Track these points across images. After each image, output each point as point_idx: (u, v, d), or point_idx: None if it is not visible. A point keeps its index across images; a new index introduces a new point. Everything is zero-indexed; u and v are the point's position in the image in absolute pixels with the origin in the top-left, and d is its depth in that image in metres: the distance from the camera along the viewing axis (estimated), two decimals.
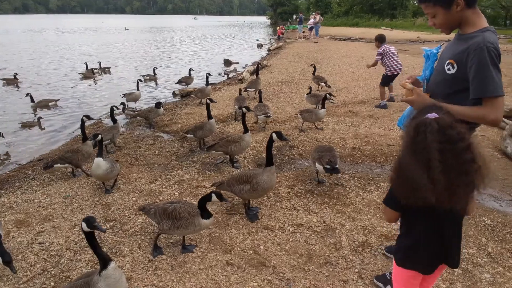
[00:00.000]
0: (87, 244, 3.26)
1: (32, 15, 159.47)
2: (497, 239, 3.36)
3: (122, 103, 6.22)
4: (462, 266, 2.97)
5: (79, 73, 13.50)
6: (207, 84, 9.12)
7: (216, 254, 3.14)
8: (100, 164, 3.95)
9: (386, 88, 8.14)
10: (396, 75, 8.01)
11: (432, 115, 1.56)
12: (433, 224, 1.79)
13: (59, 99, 9.61)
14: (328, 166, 4.02)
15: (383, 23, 41.05)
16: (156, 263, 3.05)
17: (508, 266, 2.99)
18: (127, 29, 49.44)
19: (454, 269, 2.92)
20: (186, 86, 10.78)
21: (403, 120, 2.48)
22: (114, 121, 5.92)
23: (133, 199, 4.14)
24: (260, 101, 7.07)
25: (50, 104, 9.24)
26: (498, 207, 4.00)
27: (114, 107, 6.24)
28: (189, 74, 11.03)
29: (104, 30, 46.82)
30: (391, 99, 8.32)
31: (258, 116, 6.49)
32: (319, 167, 4.13)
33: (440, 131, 1.49)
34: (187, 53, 21.44)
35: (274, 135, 3.57)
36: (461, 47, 2.02)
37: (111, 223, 3.64)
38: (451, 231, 1.83)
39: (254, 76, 10.18)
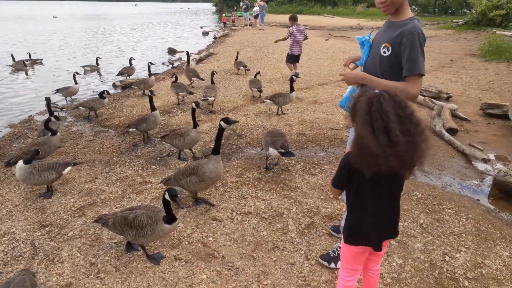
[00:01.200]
0: (19, 254, 3.04)
1: None
2: (427, 210, 3.66)
3: (46, 98, 5.79)
4: (398, 238, 3.19)
5: (8, 65, 12.27)
6: (150, 74, 8.77)
7: (163, 250, 3.07)
8: (16, 168, 3.76)
9: (291, 64, 9.71)
10: (296, 55, 9.48)
11: (377, 91, 1.69)
12: (375, 202, 1.89)
13: None
14: (282, 150, 4.12)
15: (325, 10, 42.24)
16: (99, 265, 2.91)
17: (437, 234, 3.28)
18: (55, 17, 43.78)
19: (391, 242, 3.14)
20: (127, 77, 10.27)
21: (345, 101, 2.64)
22: (51, 113, 5.49)
23: (72, 200, 3.88)
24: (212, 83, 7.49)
25: None
26: (428, 181, 4.35)
27: (49, 98, 5.82)
28: (130, 64, 10.48)
29: (30, 18, 42.47)
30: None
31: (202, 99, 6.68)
32: (272, 151, 4.18)
33: (391, 99, 1.64)
34: (129, 42, 20.35)
35: (222, 123, 3.50)
36: (395, 32, 2.24)
37: (46, 228, 3.39)
38: (392, 204, 1.96)
39: (195, 64, 10.21)
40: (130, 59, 10.65)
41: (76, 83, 8.13)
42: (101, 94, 6.68)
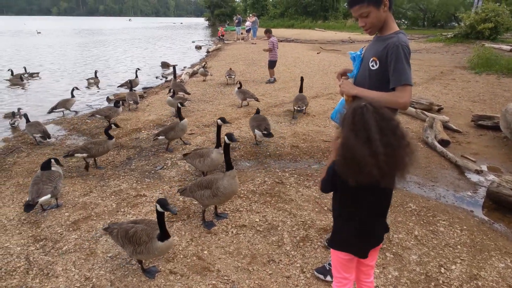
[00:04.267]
0: (13, 268, 3.00)
1: None
2: (422, 222, 3.69)
3: (13, 112, 7.39)
4: (393, 250, 3.21)
5: (5, 80, 12.24)
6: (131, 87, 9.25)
7: (158, 264, 3.05)
8: None
9: (272, 70, 11.46)
10: (276, 61, 11.42)
11: (364, 102, 1.75)
12: (358, 210, 1.93)
13: None
14: (265, 132, 5.32)
15: (316, 24, 42.89)
16: (94, 280, 2.87)
17: (431, 246, 3.30)
18: (39, 32, 40.78)
19: (386, 254, 3.15)
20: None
21: (336, 113, 2.70)
22: (27, 120, 6.39)
23: (66, 214, 3.85)
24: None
25: None
26: (422, 193, 4.40)
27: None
28: (136, 75, 10.76)
29: (14, 34, 41.15)
30: (274, 80, 11.38)
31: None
32: (257, 132, 5.43)
33: (375, 111, 1.69)
34: (121, 57, 20.43)
35: (226, 138, 3.52)
36: (382, 46, 2.35)
37: (41, 242, 3.35)
38: (376, 214, 1.98)
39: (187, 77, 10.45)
40: (136, 71, 11.13)
41: (72, 96, 8.55)
42: (116, 104, 7.11)
